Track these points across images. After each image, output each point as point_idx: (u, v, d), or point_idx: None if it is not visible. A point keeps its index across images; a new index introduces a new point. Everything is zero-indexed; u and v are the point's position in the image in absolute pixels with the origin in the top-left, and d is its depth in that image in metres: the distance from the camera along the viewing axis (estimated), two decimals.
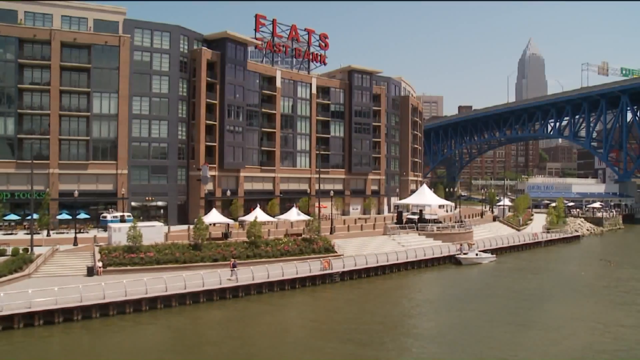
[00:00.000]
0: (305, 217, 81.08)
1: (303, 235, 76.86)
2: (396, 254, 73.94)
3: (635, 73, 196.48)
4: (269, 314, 50.70)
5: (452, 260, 79.59)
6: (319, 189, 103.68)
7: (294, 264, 63.35)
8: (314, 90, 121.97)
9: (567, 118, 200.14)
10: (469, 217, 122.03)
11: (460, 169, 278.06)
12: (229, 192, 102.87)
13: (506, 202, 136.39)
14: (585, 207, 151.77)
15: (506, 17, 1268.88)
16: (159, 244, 66.25)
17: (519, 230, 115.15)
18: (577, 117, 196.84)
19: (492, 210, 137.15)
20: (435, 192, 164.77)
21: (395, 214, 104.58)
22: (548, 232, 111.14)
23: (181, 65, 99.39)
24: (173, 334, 44.75)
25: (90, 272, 59.03)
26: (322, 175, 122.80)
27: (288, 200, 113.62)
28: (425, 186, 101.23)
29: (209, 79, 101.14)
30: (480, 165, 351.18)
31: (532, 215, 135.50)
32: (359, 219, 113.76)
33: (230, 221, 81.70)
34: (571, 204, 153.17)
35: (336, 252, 74.23)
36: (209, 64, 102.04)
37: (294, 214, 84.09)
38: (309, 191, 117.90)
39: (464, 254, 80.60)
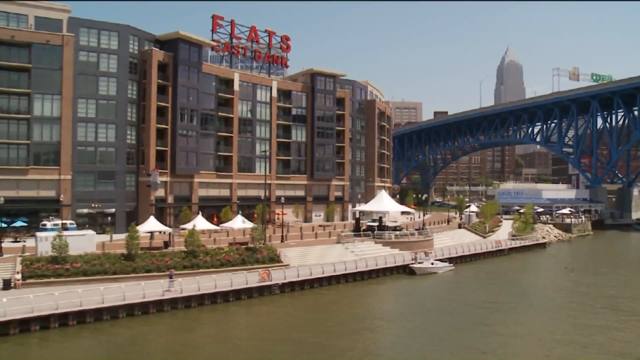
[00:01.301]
0: (250, 225, 76.79)
1: (250, 245, 72.80)
2: (344, 264, 70.19)
3: (605, 79, 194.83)
4: (176, 333, 46.39)
5: (406, 270, 75.86)
6: (272, 196, 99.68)
7: (229, 275, 59.11)
8: (274, 94, 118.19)
9: (539, 123, 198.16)
10: (434, 224, 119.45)
11: (435, 175, 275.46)
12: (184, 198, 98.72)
13: (473, 208, 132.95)
14: (555, 213, 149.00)
15: (486, 23, 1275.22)
16: (88, 254, 61.83)
17: (484, 237, 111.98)
18: (549, 122, 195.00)
19: (461, 217, 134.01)
20: (405, 198, 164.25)
21: (355, 221, 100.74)
22: (513, 239, 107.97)
23: (131, 66, 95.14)
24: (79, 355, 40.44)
25: (7, 285, 54.42)
26: (283, 182, 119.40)
27: (247, 207, 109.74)
28: (383, 192, 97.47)
29: (160, 81, 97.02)
30: (456, 171, 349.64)
31: (501, 221, 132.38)
32: (319, 226, 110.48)
33: (169, 229, 77.49)
34: (541, 209, 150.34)
35: (282, 262, 70.23)
36: (161, 66, 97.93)
37: (239, 222, 79.87)
38: (261, 197, 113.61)
39: (419, 263, 76.95)
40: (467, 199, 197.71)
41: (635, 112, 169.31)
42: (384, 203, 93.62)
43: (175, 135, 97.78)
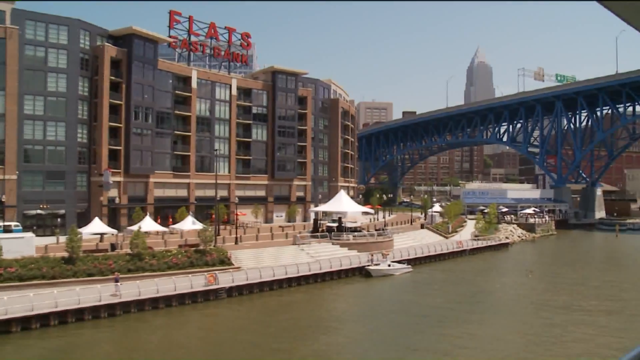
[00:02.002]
0: (200, 226, 74.20)
1: (202, 247, 70.28)
2: (297, 267, 68.04)
3: (569, 79, 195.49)
4: (111, 341, 43.88)
5: (362, 272, 74.20)
6: (231, 197, 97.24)
7: (172, 279, 56.60)
8: (234, 92, 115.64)
9: (505, 124, 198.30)
10: (397, 224, 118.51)
11: (402, 175, 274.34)
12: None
13: (437, 208, 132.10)
14: (520, 213, 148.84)
15: (457, 23, 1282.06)
16: (26, 258, 58.78)
17: (447, 238, 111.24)
18: (515, 122, 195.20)
19: (426, 217, 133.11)
20: (369, 198, 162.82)
21: (313, 222, 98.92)
22: (476, 240, 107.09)
23: (82, 62, 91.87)
24: None
25: None
26: (243, 182, 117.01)
27: (207, 207, 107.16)
28: (342, 192, 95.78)
29: (113, 78, 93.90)
30: (425, 171, 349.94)
31: (465, 221, 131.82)
32: (279, 227, 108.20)
33: (114, 231, 74.68)
34: (505, 209, 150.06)
35: (233, 265, 67.88)
36: (114, 62, 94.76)
37: (189, 223, 77.25)
38: (220, 197, 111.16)
39: (375, 265, 75.28)
40: (434, 199, 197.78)
41: (598, 113, 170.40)
42: (342, 203, 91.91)
43: (129, 134, 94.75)
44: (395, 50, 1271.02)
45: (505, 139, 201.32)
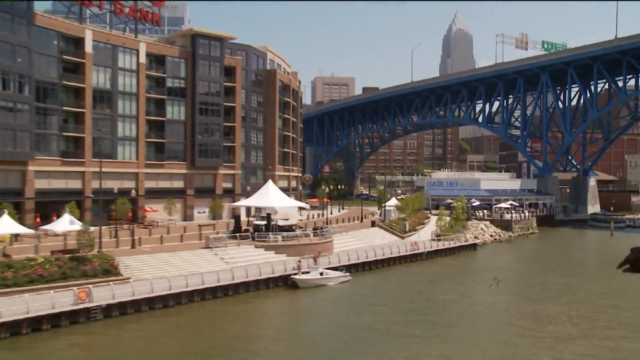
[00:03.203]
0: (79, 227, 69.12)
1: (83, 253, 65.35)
2: (202, 277, 63.77)
3: (558, 47, 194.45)
4: None
5: (288, 282, 70.48)
6: (140, 189, 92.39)
7: (27, 296, 51.54)
8: (142, 59, 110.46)
9: (480, 101, 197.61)
10: (344, 222, 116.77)
11: (361, 163, 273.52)
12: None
13: (393, 202, 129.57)
14: (495, 207, 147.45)
15: None
16: None
17: (403, 237, 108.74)
18: (492, 99, 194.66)
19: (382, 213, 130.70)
20: (316, 190, 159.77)
21: (234, 220, 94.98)
22: (436, 240, 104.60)
23: None
24: None
25: None
26: (155, 170, 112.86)
27: (109, 201, 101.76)
28: (270, 183, 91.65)
29: None
30: (389, 158, 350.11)
31: (428, 218, 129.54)
32: (199, 225, 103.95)
33: None
34: (477, 203, 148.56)
35: (121, 275, 63.18)
36: None
37: (65, 223, 71.94)
38: (127, 189, 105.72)
39: (304, 273, 71.58)
40: (399, 190, 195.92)
41: (592, 88, 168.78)
42: (269, 197, 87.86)
43: None
44: (360, 15, 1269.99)
45: (481, 119, 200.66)
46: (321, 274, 72.61)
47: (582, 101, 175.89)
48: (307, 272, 72.22)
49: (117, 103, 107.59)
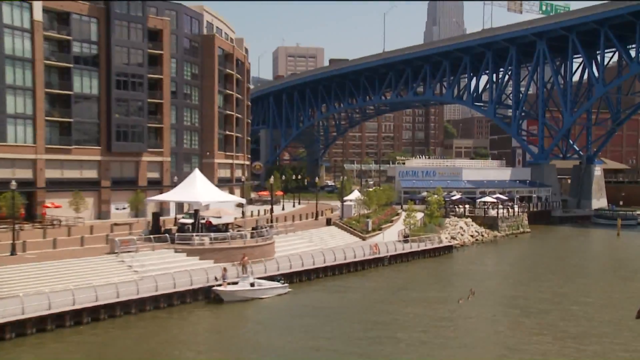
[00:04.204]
0: None
1: None
2: (95, 291, 59.36)
3: (559, 9, 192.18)
4: None
5: (210, 296, 67.03)
6: (39, 180, 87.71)
7: None
8: (37, 17, 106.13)
9: (465, 75, 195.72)
10: (293, 220, 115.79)
11: (326, 149, 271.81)
12: None
13: (355, 195, 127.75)
14: (478, 201, 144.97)
15: None
16: None
17: (364, 238, 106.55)
18: (480, 74, 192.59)
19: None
20: (266, 180, 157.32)
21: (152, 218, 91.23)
22: (404, 242, 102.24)
23: None
24: None
25: None
26: (59, 156, 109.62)
27: None
28: (197, 173, 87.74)
29: None
30: (360, 143, 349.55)
31: (399, 214, 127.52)
32: (115, 224, 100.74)
33: None
34: (458, 196, 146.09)
35: None
36: None
37: None
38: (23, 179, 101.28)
39: (231, 284, 67.72)
40: (371, 181, 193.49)
41: (599, 58, 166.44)
42: (195, 189, 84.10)
43: None
44: None
45: (465, 97, 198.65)
46: (252, 284, 69.10)
47: (586, 75, 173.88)
48: (235, 283, 68.57)
49: (5, 71, 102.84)
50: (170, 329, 58.11)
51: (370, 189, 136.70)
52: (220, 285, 67.32)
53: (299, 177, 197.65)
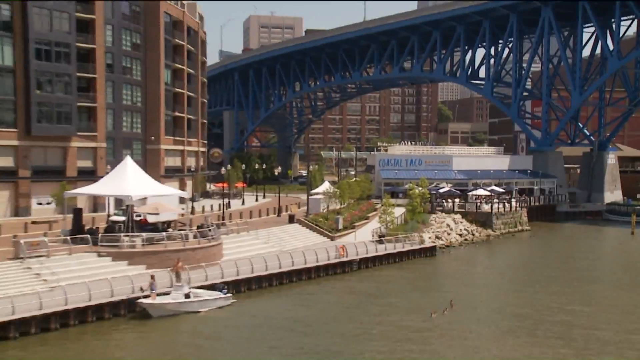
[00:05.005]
0: None
1: None
2: None
3: None
4: None
5: (137, 310, 63.94)
6: None
7: None
8: None
9: (458, 48, 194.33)
10: (251, 217, 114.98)
11: (300, 133, 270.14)
12: None
13: (325, 187, 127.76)
14: (470, 195, 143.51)
15: None
16: None
17: (333, 238, 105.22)
18: (476, 46, 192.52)
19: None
20: (230, 169, 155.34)
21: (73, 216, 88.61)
22: (378, 242, 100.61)
23: None
24: None
25: None
26: None
27: None
28: (128, 161, 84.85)
29: None
30: (341, 127, 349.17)
31: (376, 209, 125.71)
32: (32, 223, 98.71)
33: None
34: (447, 188, 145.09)
35: None
36: None
37: None
38: None
39: (160, 294, 64.79)
40: (352, 171, 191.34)
41: (614, 27, 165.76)
42: (125, 181, 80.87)
43: None
44: None
45: (459, 74, 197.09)
46: (187, 295, 65.73)
47: (599, 47, 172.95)
48: (167, 294, 65.54)
49: None
50: (81, 353, 54.65)
51: (344, 181, 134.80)
52: (148, 296, 64.14)
53: (266, 166, 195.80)
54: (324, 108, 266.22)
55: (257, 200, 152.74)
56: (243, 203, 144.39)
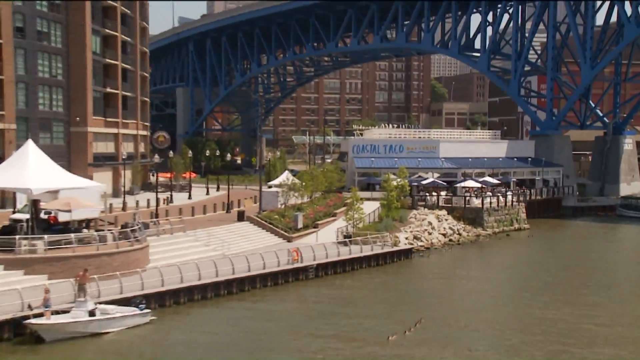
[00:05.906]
0: None
1: None
2: None
3: None
4: None
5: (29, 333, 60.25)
6: None
7: None
8: None
9: (449, 15, 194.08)
10: (193, 214, 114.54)
11: (266, 115, 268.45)
12: None
13: (283, 178, 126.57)
14: (459, 187, 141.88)
15: None
16: None
17: (290, 239, 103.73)
18: (469, 13, 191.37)
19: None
20: (175, 157, 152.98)
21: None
22: (343, 244, 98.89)
23: None
24: None
25: None
26: None
27: None
28: (30, 145, 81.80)
29: None
30: (317, 108, 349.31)
31: (345, 205, 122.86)
32: None
33: None
34: (430, 179, 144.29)
35: None
36: None
37: None
38: None
39: (58, 313, 61.50)
40: (329, 159, 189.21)
41: None
42: (25, 170, 77.51)
43: None
44: None
45: (451, 44, 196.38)
46: (92, 313, 62.03)
47: (614, 13, 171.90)
48: (66, 312, 62.17)
49: None
50: None
51: (306, 170, 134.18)
52: (39, 315, 60.27)
53: (224, 153, 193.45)
54: (294, 85, 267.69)
55: (207, 193, 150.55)
56: (190, 197, 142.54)
